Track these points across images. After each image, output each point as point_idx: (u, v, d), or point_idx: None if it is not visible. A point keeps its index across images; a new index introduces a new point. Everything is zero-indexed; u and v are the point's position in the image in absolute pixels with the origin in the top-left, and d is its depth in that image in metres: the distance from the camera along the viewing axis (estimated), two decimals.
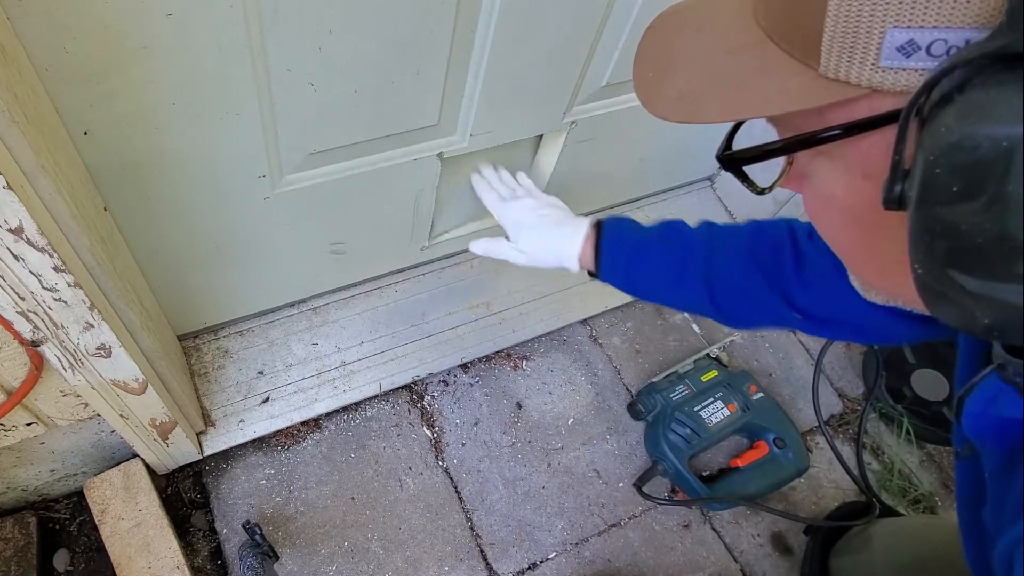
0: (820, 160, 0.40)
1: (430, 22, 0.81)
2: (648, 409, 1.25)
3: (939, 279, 0.32)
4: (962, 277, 0.31)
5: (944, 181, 0.29)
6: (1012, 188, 0.27)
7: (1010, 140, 0.27)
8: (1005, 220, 0.28)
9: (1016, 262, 0.29)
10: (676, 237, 0.88)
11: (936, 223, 0.30)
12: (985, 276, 0.30)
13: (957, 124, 0.28)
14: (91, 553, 1.04)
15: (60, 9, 0.59)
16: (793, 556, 1.22)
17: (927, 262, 0.32)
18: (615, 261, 0.89)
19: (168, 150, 0.79)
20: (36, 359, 0.73)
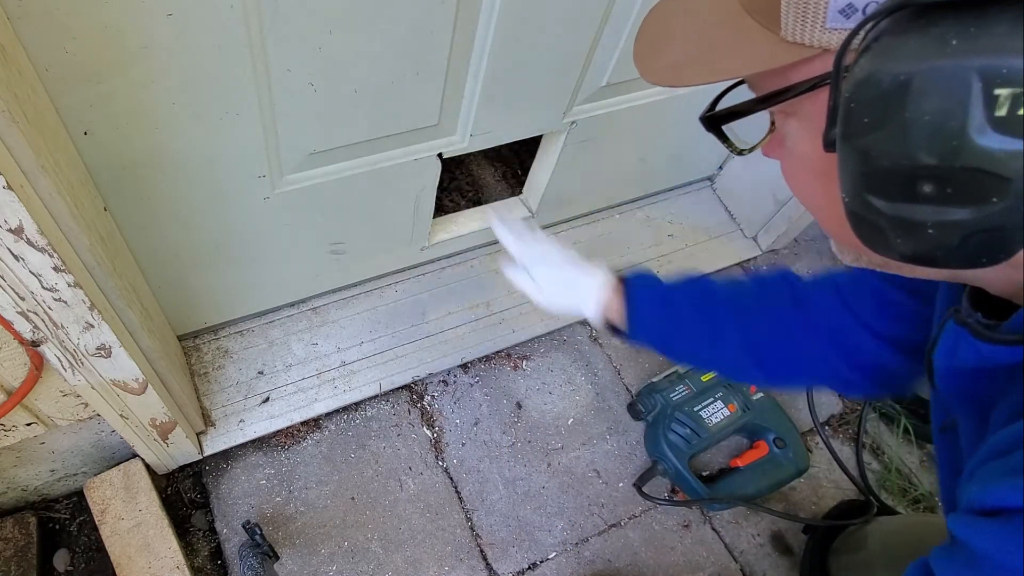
0: (791, 121, 0.44)
1: (430, 22, 0.81)
2: (648, 409, 1.25)
3: (861, 205, 0.37)
4: (877, 201, 0.35)
5: (857, 114, 0.34)
6: (909, 115, 0.32)
7: (906, 74, 0.31)
8: (904, 143, 0.32)
9: (917, 182, 0.33)
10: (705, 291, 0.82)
11: (853, 153, 0.35)
12: (894, 198, 0.35)
13: (867, 64, 0.33)
14: (91, 553, 1.04)
15: (60, 9, 0.59)
16: (793, 556, 1.22)
17: (850, 190, 0.37)
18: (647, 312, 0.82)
19: (168, 150, 0.79)
20: (36, 359, 0.73)
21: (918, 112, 0.31)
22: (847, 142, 0.35)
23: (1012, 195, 0.31)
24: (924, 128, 0.32)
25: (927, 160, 0.32)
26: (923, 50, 0.31)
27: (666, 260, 1.48)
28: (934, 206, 0.33)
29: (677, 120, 1.30)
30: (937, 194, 0.33)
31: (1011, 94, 0.29)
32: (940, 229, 0.34)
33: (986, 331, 0.46)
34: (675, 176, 1.56)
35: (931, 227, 0.34)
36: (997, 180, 0.31)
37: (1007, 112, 0.30)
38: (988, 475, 0.41)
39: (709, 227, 1.56)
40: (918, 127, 0.32)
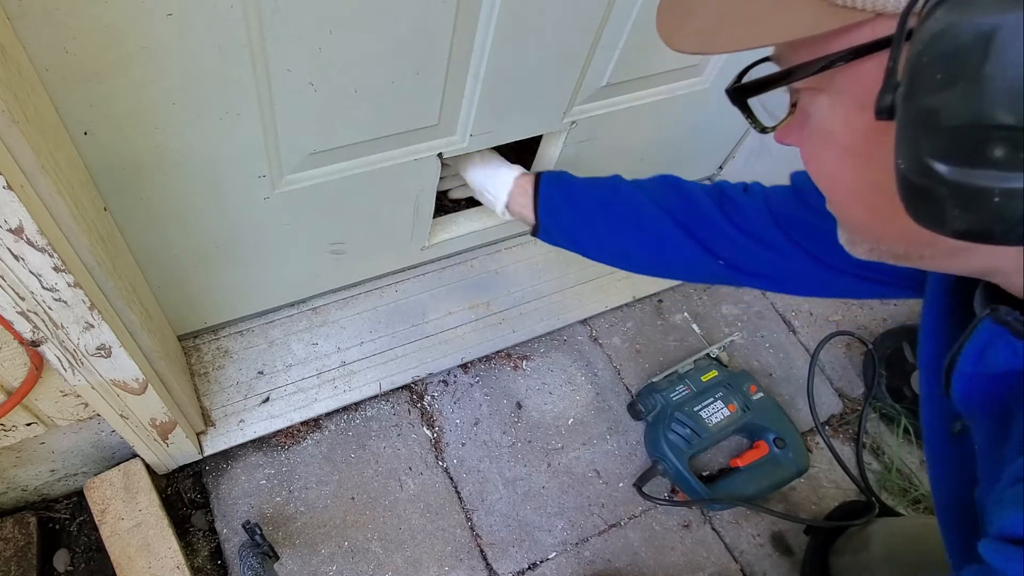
0: (820, 98, 0.42)
1: (430, 22, 0.81)
2: (648, 409, 1.25)
3: (919, 170, 0.34)
4: (942, 166, 0.33)
5: (929, 69, 0.32)
6: (989, 69, 0.30)
7: (991, 25, 0.29)
8: (981, 100, 0.30)
9: (990, 144, 0.31)
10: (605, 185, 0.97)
11: (920, 113, 0.33)
12: (960, 161, 0.32)
13: (944, 15, 0.31)
14: (91, 553, 1.04)
15: (60, 9, 0.59)
16: (793, 556, 1.22)
17: (909, 154, 0.34)
18: (551, 206, 0.98)
19: (168, 150, 0.79)
20: (36, 359, 0.73)
21: (1001, 66, 0.30)
22: (912, 102, 0.33)
23: None
24: (1006, 83, 0.30)
25: (1005, 119, 0.30)
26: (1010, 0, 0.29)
27: None
28: (1005, 171, 0.31)
29: (677, 120, 1.30)
30: (1010, 158, 0.31)
31: None
32: (1007, 197, 0.32)
33: None
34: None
35: (998, 195, 0.32)
36: None
37: None
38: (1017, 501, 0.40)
39: None
40: (999, 82, 0.30)
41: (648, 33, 1.03)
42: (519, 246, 1.42)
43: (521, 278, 1.38)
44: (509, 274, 1.38)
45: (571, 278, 1.40)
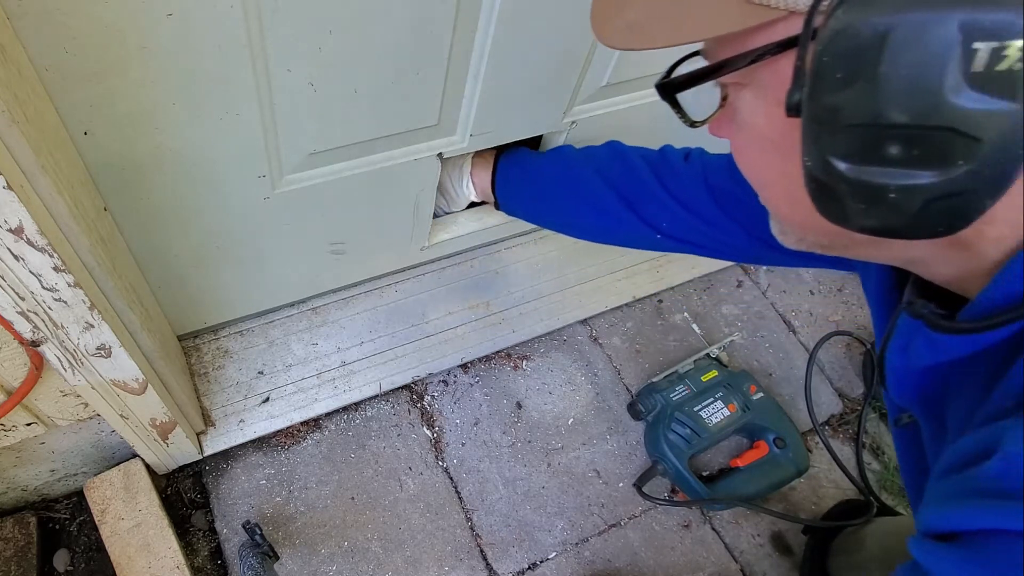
0: (744, 93, 0.43)
1: (430, 22, 0.81)
2: (648, 409, 1.25)
3: (821, 167, 0.35)
4: (841, 164, 0.34)
5: (830, 69, 0.33)
6: (884, 69, 0.31)
7: (886, 25, 0.30)
8: (876, 100, 0.31)
9: (885, 143, 0.32)
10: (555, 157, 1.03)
11: (821, 111, 0.34)
12: (859, 160, 0.33)
13: (844, 15, 0.32)
14: (91, 553, 1.04)
15: (60, 9, 0.59)
16: (793, 556, 1.22)
17: (813, 151, 0.35)
18: (509, 180, 1.06)
19: (168, 150, 0.79)
20: (36, 359, 0.73)
21: (894, 66, 0.30)
22: (815, 100, 0.34)
23: (979, 158, 0.31)
24: (899, 83, 0.31)
25: (898, 118, 0.31)
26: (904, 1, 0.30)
27: (666, 260, 1.48)
28: (899, 169, 0.32)
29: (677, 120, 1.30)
30: (903, 156, 0.32)
31: (989, 48, 0.28)
32: (902, 194, 0.33)
33: (942, 321, 0.44)
34: None
35: (893, 191, 0.33)
36: (967, 141, 0.30)
37: (984, 68, 0.29)
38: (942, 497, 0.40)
39: None
40: (893, 82, 0.31)
41: None
42: (519, 246, 1.42)
43: (521, 278, 1.38)
44: (509, 274, 1.38)
45: (571, 278, 1.40)
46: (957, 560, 0.37)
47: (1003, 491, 0.35)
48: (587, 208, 0.96)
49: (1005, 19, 0.28)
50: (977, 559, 0.36)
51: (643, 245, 0.95)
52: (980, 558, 0.36)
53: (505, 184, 1.07)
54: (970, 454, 0.38)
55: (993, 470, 0.36)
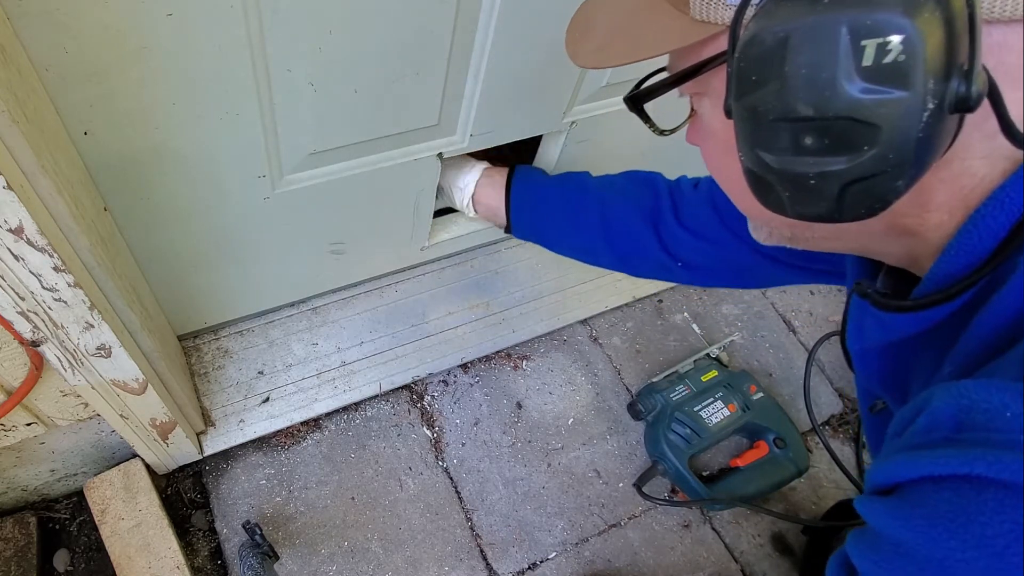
0: (704, 101, 0.47)
1: (430, 22, 0.81)
2: (648, 409, 1.25)
3: (753, 162, 0.39)
4: (766, 156, 0.38)
5: (746, 73, 0.37)
6: (788, 69, 0.34)
7: (784, 31, 0.34)
8: (785, 97, 0.35)
9: (799, 134, 0.36)
10: (574, 182, 1.01)
11: (745, 112, 0.38)
12: (780, 151, 0.37)
13: (753, 26, 0.36)
14: (91, 553, 1.04)
15: (60, 9, 0.59)
16: (793, 556, 1.22)
17: (744, 148, 0.39)
18: (524, 207, 1.02)
19: (168, 150, 0.79)
20: (36, 359, 0.73)
21: (795, 65, 0.34)
22: (739, 102, 0.38)
23: (882, 143, 0.34)
24: (801, 80, 0.34)
25: (805, 111, 0.35)
26: (799, 9, 0.34)
27: None
28: (814, 157, 0.36)
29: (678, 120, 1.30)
30: (816, 145, 0.35)
31: (876, 44, 0.32)
32: (821, 180, 0.36)
33: (884, 299, 0.47)
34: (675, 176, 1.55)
35: (813, 178, 0.37)
36: (867, 128, 0.34)
37: (873, 62, 0.32)
38: (885, 454, 0.42)
39: None
40: (796, 80, 0.34)
41: None
42: (519, 246, 1.41)
43: (521, 278, 1.38)
44: (509, 274, 1.38)
45: (571, 278, 1.40)
46: (890, 508, 0.40)
47: (929, 441, 0.38)
48: (615, 235, 0.94)
49: (886, 18, 0.31)
50: (906, 505, 0.38)
51: (664, 275, 0.95)
52: (909, 504, 0.38)
53: (520, 211, 1.03)
54: (908, 417, 0.41)
55: (921, 424, 0.39)
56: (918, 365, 0.48)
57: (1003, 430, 0.34)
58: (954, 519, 0.35)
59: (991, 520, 0.34)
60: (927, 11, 0.31)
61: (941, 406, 0.37)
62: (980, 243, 0.40)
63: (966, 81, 0.32)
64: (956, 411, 0.37)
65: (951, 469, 0.35)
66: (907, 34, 0.31)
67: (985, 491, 0.34)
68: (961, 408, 0.36)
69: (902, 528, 0.38)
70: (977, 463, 0.34)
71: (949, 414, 0.37)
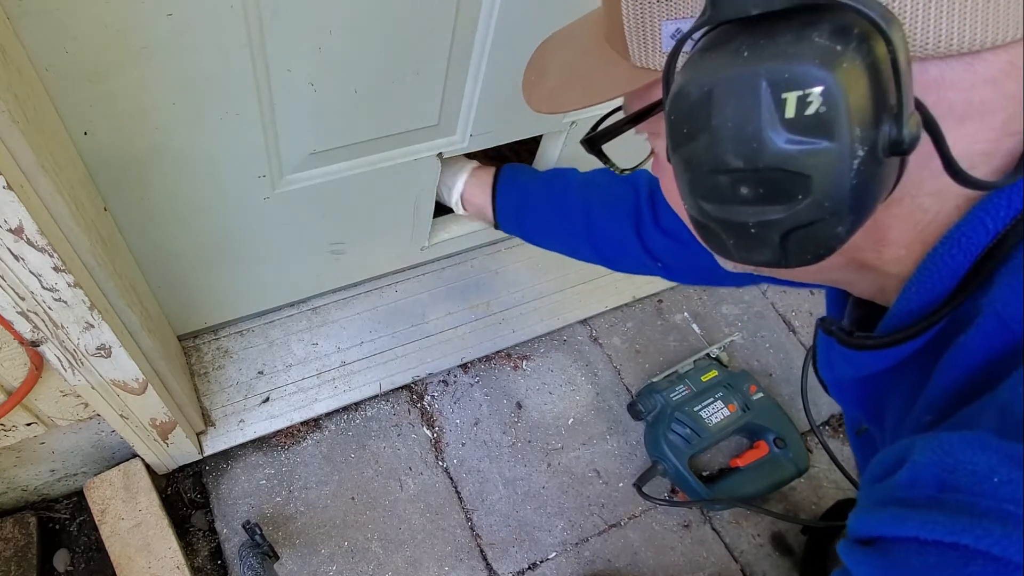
0: (658, 141, 0.47)
1: (430, 22, 0.81)
2: (648, 409, 1.25)
3: (695, 210, 0.39)
4: (707, 205, 0.37)
5: (677, 126, 0.36)
6: (716, 122, 0.34)
7: (708, 85, 0.34)
8: (715, 149, 0.34)
9: (734, 185, 0.35)
10: (560, 179, 1.00)
11: (681, 162, 0.37)
12: (719, 201, 0.36)
13: (679, 79, 0.35)
14: (91, 553, 1.04)
15: (60, 9, 0.59)
16: (794, 556, 1.22)
17: (686, 197, 0.39)
18: (508, 205, 1.03)
19: (168, 150, 0.79)
20: (36, 359, 0.73)
21: (721, 119, 0.34)
22: (675, 153, 0.37)
23: (816, 191, 0.33)
24: (728, 133, 0.34)
25: (735, 163, 0.34)
26: (721, 62, 0.33)
27: None
28: (752, 207, 0.35)
29: None
30: (752, 195, 0.35)
31: (797, 96, 0.31)
32: (761, 228, 0.36)
33: (849, 338, 0.46)
34: None
35: (753, 227, 0.36)
36: (798, 177, 0.33)
37: (795, 113, 0.32)
38: (865, 504, 0.41)
39: None
40: (723, 133, 0.34)
41: None
42: (519, 246, 1.41)
43: (521, 278, 1.38)
44: (509, 274, 1.38)
45: (571, 278, 1.40)
46: (872, 564, 0.38)
47: (912, 499, 0.36)
48: (598, 236, 0.95)
49: (804, 70, 0.31)
50: (887, 563, 0.37)
51: (647, 272, 0.96)
52: (890, 563, 0.37)
53: (506, 210, 1.04)
54: (889, 464, 0.40)
55: (903, 478, 0.37)
56: (892, 397, 0.47)
57: (991, 497, 0.33)
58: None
59: None
60: (846, 61, 0.30)
61: (924, 462, 0.36)
62: (940, 283, 0.39)
63: (896, 124, 0.32)
64: (939, 471, 0.35)
65: (938, 536, 0.34)
66: (826, 85, 0.30)
67: (972, 563, 0.33)
68: (945, 468, 0.35)
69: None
70: (965, 534, 0.33)
71: (932, 473, 0.36)
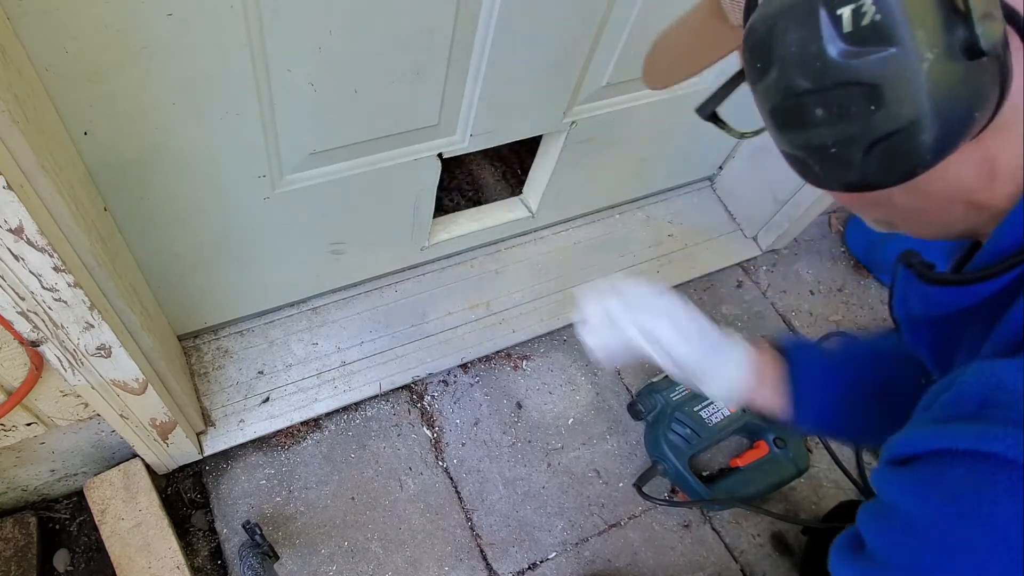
0: None
1: (430, 22, 0.81)
2: (648, 409, 1.25)
3: (782, 143, 0.41)
4: (789, 135, 0.40)
5: (752, 63, 0.39)
6: (780, 51, 0.37)
7: (770, 17, 0.37)
8: (785, 76, 0.37)
9: (807, 109, 0.37)
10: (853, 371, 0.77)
11: (760, 98, 0.40)
12: (797, 126, 0.39)
13: (750, 21, 0.39)
14: (91, 553, 1.04)
15: (60, 9, 0.59)
16: (793, 556, 1.22)
17: (772, 133, 0.41)
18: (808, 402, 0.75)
19: (168, 150, 0.79)
20: (36, 359, 0.73)
21: (785, 46, 0.36)
22: (753, 89, 0.40)
23: (888, 100, 0.35)
24: (793, 58, 0.36)
25: (804, 85, 0.36)
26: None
27: (666, 260, 1.48)
28: (828, 127, 0.37)
29: (677, 120, 1.30)
30: (826, 114, 0.37)
31: (851, 9, 0.34)
32: (841, 147, 0.37)
33: (928, 271, 0.47)
34: (675, 176, 1.56)
35: (833, 146, 0.38)
36: (866, 88, 0.35)
37: (852, 26, 0.34)
38: (909, 426, 0.42)
39: (709, 227, 1.56)
40: (790, 59, 0.36)
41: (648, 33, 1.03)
42: (519, 246, 1.42)
43: (521, 278, 1.38)
44: (509, 274, 1.38)
45: (571, 278, 1.40)
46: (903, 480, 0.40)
47: (951, 416, 0.38)
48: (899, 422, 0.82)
49: None
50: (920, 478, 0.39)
51: None
52: (923, 477, 0.39)
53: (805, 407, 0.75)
54: (937, 392, 0.41)
55: (947, 399, 0.39)
56: (964, 341, 0.48)
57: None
58: (965, 495, 0.35)
59: (1001, 499, 0.34)
60: None
61: (969, 382, 0.38)
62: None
63: (966, 25, 0.32)
64: (983, 388, 0.37)
65: (969, 444, 0.35)
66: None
67: (1000, 471, 0.34)
68: (988, 386, 0.36)
69: (912, 499, 0.38)
70: (996, 442, 0.34)
71: (976, 391, 0.37)
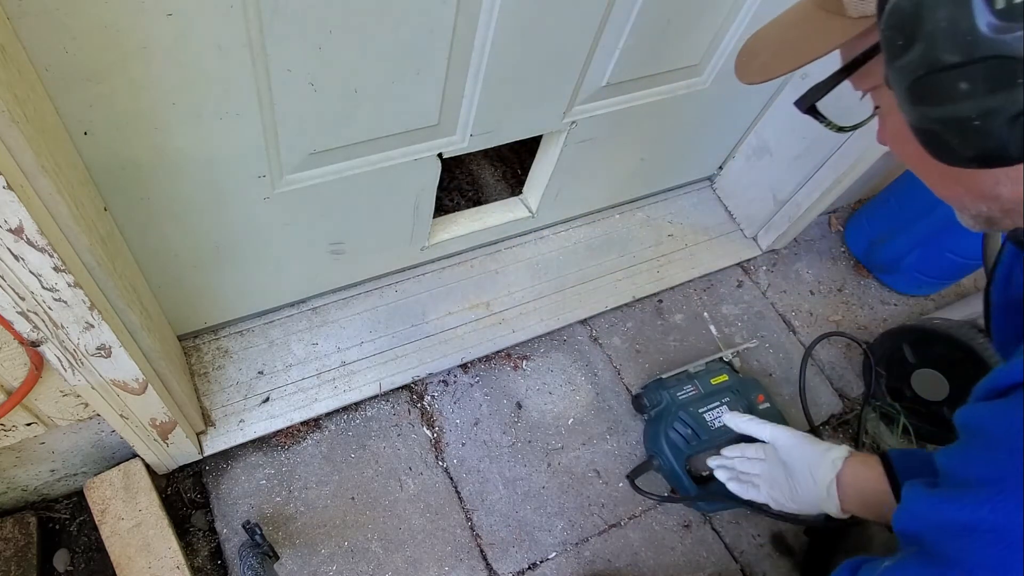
0: (881, 91, 0.51)
1: (430, 22, 0.81)
2: (653, 404, 1.25)
3: (918, 119, 0.43)
4: (927, 109, 0.41)
5: (893, 40, 0.41)
6: (929, 27, 0.38)
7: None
8: (932, 51, 0.39)
9: (951, 82, 0.39)
10: None
11: (899, 74, 0.42)
12: (939, 102, 0.40)
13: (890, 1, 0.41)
14: (91, 553, 1.04)
15: (60, 9, 0.59)
16: (794, 556, 1.22)
17: (908, 108, 0.43)
18: None
19: (168, 150, 0.79)
20: (36, 359, 0.73)
21: (934, 22, 0.38)
22: (892, 67, 0.42)
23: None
24: (943, 34, 0.38)
25: (952, 59, 0.38)
26: None
27: (666, 260, 1.48)
28: (972, 100, 0.39)
29: (677, 120, 1.30)
30: (971, 88, 0.38)
31: None
32: (985, 119, 0.39)
33: None
34: (675, 176, 1.56)
35: (976, 119, 0.39)
36: (1014, 63, 0.36)
37: (1005, 3, 0.36)
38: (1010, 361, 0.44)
39: (709, 227, 1.56)
40: (938, 34, 0.38)
41: (647, 33, 1.03)
42: (519, 246, 1.42)
43: (521, 278, 1.38)
44: (509, 274, 1.38)
45: (571, 278, 1.40)
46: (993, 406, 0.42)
47: None
48: None
49: None
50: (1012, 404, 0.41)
51: None
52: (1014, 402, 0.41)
53: None
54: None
55: None
56: None
57: None
58: None
59: None
60: None
61: None
62: None
63: None
64: None
65: None
66: None
67: None
68: None
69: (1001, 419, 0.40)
70: None
71: None
